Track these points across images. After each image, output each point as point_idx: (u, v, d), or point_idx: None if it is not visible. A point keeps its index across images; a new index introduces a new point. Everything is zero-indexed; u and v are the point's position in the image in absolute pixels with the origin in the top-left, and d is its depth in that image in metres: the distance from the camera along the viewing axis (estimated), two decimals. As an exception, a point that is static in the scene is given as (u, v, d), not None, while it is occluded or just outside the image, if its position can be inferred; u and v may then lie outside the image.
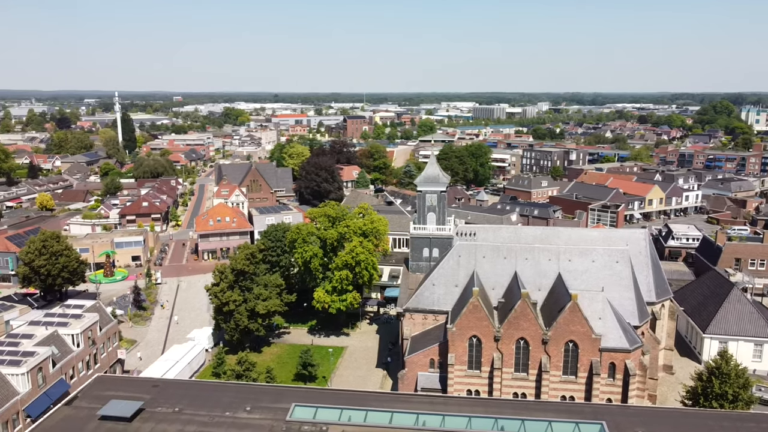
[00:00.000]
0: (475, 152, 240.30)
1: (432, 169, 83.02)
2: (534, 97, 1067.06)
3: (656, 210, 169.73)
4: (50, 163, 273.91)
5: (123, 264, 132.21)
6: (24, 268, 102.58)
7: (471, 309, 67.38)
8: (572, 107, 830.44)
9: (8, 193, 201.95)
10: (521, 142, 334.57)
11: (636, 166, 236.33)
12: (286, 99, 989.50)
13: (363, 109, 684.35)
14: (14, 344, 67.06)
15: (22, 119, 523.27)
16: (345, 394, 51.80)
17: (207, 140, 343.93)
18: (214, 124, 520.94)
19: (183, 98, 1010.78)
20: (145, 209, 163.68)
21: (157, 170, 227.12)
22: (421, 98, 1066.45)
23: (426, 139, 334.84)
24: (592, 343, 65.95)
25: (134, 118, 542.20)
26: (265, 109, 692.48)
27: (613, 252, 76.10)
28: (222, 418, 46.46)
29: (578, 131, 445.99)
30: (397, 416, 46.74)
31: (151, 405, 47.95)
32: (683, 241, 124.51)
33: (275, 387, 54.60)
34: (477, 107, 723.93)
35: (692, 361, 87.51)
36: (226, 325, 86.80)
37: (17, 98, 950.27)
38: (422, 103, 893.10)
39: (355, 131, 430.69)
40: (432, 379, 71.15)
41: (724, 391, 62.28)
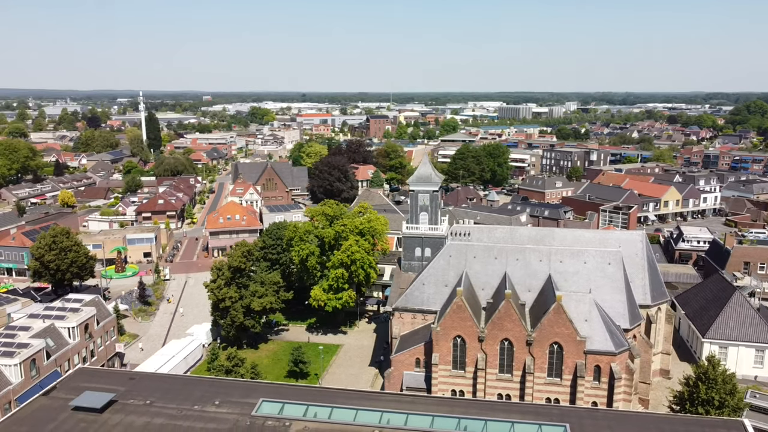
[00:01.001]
0: (493, 152, 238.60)
1: (424, 168, 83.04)
2: (563, 97, 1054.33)
3: (672, 212, 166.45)
4: (77, 161, 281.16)
5: (135, 260, 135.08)
6: (35, 262, 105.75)
7: (455, 309, 67.30)
8: (601, 107, 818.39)
9: (33, 189, 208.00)
10: (543, 142, 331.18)
11: (657, 167, 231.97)
12: (313, 99, 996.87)
13: (389, 109, 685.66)
14: (11, 336, 69.29)
15: (55, 118, 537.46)
16: (315, 391, 52.30)
17: (229, 139, 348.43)
18: (240, 124, 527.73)
19: (212, 98, 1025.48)
20: (161, 206, 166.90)
21: (177, 168, 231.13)
22: (448, 98, 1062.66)
23: (447, 139, 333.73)
24: (576, 346, 65.31)
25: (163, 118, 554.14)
26: (291, 108, 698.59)
27: (605, 253, 75.16)
28: (190, 411, 47.37)
29: (604, 131, 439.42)
30: (361, 414, 47.03)
31: (124, 397, 49.13)
32: (694, 243, 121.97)
33: (247, 382, 55.41)
34: (503, 107, 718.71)
35: (692, 366, 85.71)
36: (223, 321, 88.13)
37: (53, 97, 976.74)
38: (449, 103, 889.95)
39: (377, 131, 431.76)
40: (418, 379, 71.25)
41: (710, 397, 61.04)
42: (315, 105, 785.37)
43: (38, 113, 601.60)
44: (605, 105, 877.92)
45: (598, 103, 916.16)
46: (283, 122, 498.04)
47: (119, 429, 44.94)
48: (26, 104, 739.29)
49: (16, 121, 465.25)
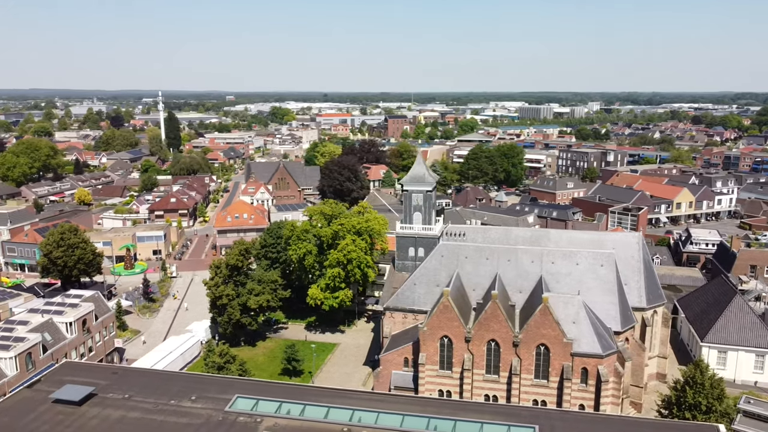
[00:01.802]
0: (508, 152, 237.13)
1: (418, 168, 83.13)
2: (587, 97, 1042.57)
3: (685, 214, 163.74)
4: (97, 159, 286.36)
5: (144, 257, 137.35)
6: (43, 259, 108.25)
7: (441, 309, 67.35)
8: (625, 107, 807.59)
9: (52, 188, 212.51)
10: (560, 142, 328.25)
11: (675, 168, 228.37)
12: (334, 98, 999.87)
13: (410, 109, 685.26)
14: (9, 330, 71.14)
15: (80, 117, 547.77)
16: (291, 388, 52.78)
17: (247, 139, 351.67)
18: (260, 123, 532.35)
19: (235, 98, 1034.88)
20: (173, 205, 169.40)
21: (192, 167, 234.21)
22: (470, 98, 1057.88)
23: (463, 139, 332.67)
24: (563, 347, 64.88)
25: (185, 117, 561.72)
26: (311, 108, 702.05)
27: (598, 255, 74.51)
28: (166, 406, 48.20)
29: (625, 132, 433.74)
30: (333, 411, 47.36)
31: (104, 391, 50.17)
32: (702, 246, 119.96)
33: (226, 378, 56.11)
34: (525, 107, 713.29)
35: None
36: (220, 318, 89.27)
37: (80, 97, 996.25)
38: (470, 103, 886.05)
39: (395, 131, 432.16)
40: (406, 378, 71.45)
41: (697, 402, 60.33)
42: (336, 105, 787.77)
43: (65, 113, 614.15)
44: (630, 105, 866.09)
45: (622, 104, 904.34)
46: (301, 122, 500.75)
47: (95, 422, 45.94)
48: (54, 104, 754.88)
49: (42, 121, 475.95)
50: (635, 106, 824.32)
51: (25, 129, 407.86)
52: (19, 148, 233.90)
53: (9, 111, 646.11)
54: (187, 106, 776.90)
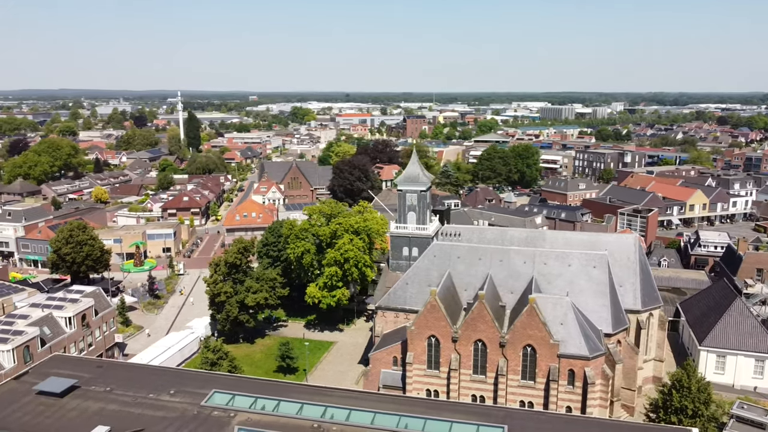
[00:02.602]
0: (522, 153, 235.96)
1: (412, 168, 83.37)
2: (611, 97, 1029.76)
3: (698, 216, 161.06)
4: (118, 159, 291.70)
5: (154, 255, 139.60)
6: (53, 255, 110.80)
7: (429, 309, 67.52)
8: (650, 107, 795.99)
9: (72, 186, 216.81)
10: (579, 143, 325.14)
11: (693, 169, 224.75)
12: (356, 99, 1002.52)
13: (431, 109, 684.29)
14: (9, 323, 73.11)
15: (106, 117, 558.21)
16: (269, 384, 53.54)
17: (265, 138, 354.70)
18: (280, 123, 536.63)
19: (258, 98, 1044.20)
20: (186, 204, 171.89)
21: (208, 167, 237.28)
22: (492, 98, 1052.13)
23: (480, 140, 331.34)
24: (550, 349, 64.59)
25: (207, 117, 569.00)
26: (332, 108, 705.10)
27: (590, 256, 73.97)
28: (145, 399, 49.29)
29: (647, 133, 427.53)
30: (306, 408, 47.98)
31: (87, 384, 51.47)
32: (710, 248, 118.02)
33: (206, 373, 57.11)
34: (547, 107, 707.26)
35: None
36: (219, 315, 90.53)
37: (107, 97, 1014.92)
38: (492, 103, 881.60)
39: (414, 131, 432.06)
40: (395, 377, 71.76)
41: (683, 405, 59.72)
42: (357, 105, 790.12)
43: (91, 113, 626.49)
44: (655, 105, 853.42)
45: (647, 104, 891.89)
46: (320, 122, 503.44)
47: (74, 413, 47.18)
48: (80, 104, 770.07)
49: (68, 121, 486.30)
50: (660, 107, 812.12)
51: (50, 128, 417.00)
52: (41, 147, 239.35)
53: (37, 111, 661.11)
54: (209, 106, 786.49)
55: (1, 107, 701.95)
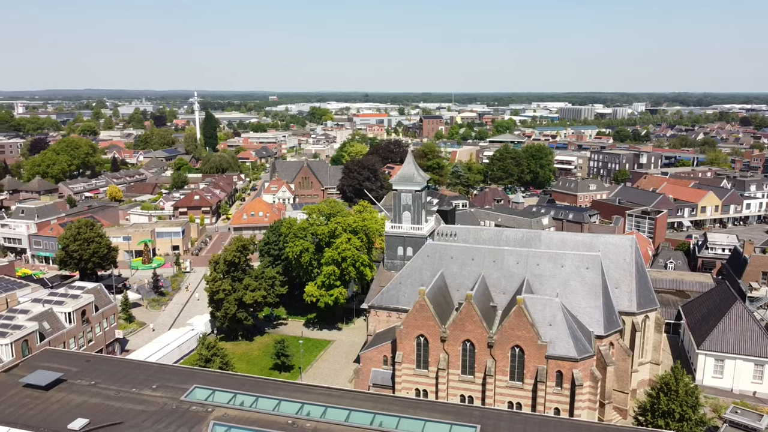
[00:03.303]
0: (536, 154, 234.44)
1: (407, 168, 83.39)
2: (633, 97, 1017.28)
3: (710, 218, 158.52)
4: (135, 158, 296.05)
5: (163, 253, 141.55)
6: (61, 252, 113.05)
7: (417, 308, 67.63)
8: (673, 108, 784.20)
9: (88, 184, 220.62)
10: (595, 144, 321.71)
11: (710, 170, 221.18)
12: (375, 99, 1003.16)
13: (449, 110, 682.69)
14: (10, 318, 74.76)
15: (126, 117, 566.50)
16: (250, 381, 54.12)
17: (280, 138, 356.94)
18: (298, 123, 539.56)
19: (278, 98, 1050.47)
20: (196, 202, 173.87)
21: (222, 166, 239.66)
22: (512, 98, 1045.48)
23: (495, 140, 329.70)
24: (538, 350, 64.32)
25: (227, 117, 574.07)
26: (350, 108, 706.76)
27: (583, 258, 73.42)
28: (127, 393, 50.26)
29: (667, 133, 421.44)
30: (283, 404, 48.56)
31: (73, 377, 52.64)
32: (717, 251, 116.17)
33: (190, 369, 57.89)
34: (566, 107, 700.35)
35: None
36: (217, 313, 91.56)
37: (131, 97, 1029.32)
38: (512, 104, 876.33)
39: (430, 131, 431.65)
40: (385, 376, 71.98)
41: (671, 409, 59.01)
42: (376, 105, 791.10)
43: (113, 112, 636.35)
44: (678, 106, 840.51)
45: (670, 104, 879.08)
46: (337, 122, 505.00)
47: (56, 406, 48.28)
48: (104, 104, 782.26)
49: (90, 120, 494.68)
50: (683, 107, 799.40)
51: (72, 128, 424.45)
52: (60, 146, 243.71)
53: (62, 111, 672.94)
54: (229, 106, 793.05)
55: (27, 107, 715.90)
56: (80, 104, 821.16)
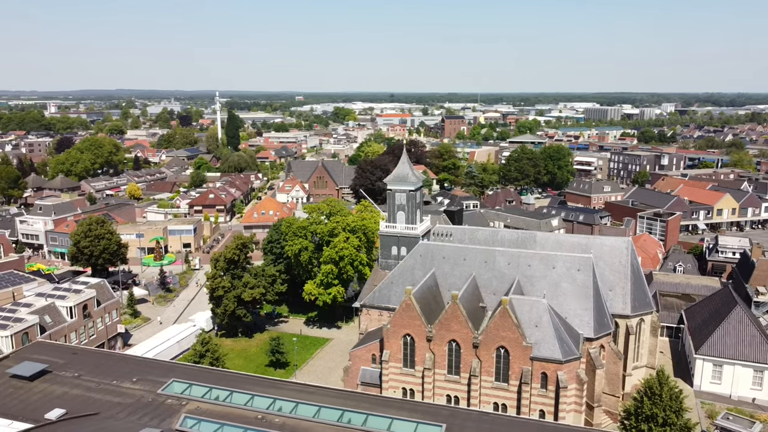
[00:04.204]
0: (553, 155, 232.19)
1: (402, 168, 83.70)
2: (664, 98, 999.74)
3: (727, 221, 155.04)
4: (158, 157, 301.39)
5: (175, 250, 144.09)
6: (73, 248, 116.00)
7: (403, 307, 67.89)
8: (704, 108, 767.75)
9: (109, 182, 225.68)
10: (617, 145, 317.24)
11: (732, 172, 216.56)
12: (401, 99, 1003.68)
13: (474, 110, 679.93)
14: (13, 311, 77.23)
15: (154, 117, 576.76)
16: (228, 376, 55.03)
17: (300, 138, 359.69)
18: (321, 123, 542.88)
19: (305, 98, 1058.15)
20: (211, 201, 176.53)
21: (240, 165, 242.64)
22: (539, 98, 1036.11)
23: (515, 140, 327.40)
24: (523, 351, 64.03)
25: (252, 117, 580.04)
26: (373, 108, 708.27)
27: (575, 259, 72.80)
28: (108, 385, 51.55)
29: (694, 135, 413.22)
30: (256, 399, 49.23)
31: (58, 369, 54.16)
32: (728, 255, 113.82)
33: (172, 363, 59.10)
34: (593, 108, 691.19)
35: (684, 384, 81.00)
36: (217, 309, 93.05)
37: (160, 97, 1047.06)
38: (539, 104, 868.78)
39: (452, 131, 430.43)
40: (373, 375, 72.32)
41: (654, 413, 58.20)
42: (400, 105, 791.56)
43: (141, 112, 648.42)
44: (709, 107, 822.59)
45: (701, 105, 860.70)
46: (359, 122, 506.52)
47: (38, 396, 49.79)
48: (133, 104, 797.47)
49: (118, 119, 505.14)
50: (714, 108, 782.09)
51: (100, 127, 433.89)
52: (84, 145, 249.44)
53: (92, 110, 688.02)
54: (255, 105, 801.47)
55: (59, 106, 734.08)
56: (111, 104, 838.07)
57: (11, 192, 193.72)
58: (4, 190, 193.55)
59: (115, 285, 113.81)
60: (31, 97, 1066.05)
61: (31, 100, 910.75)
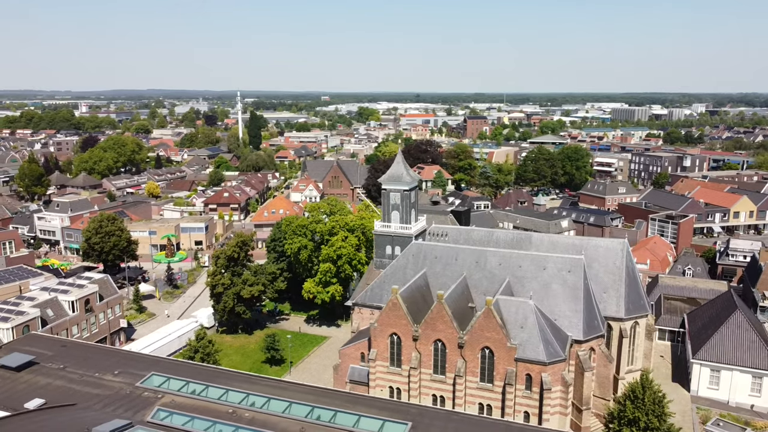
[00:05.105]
0: (571, 155, 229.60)
1: (396, 168, 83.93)
2: (695, 98, 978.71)
3: (744, 224, 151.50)
4: (180, 156, 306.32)
5: (187, 247, 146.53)
6: (84, 244, 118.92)
7: (390, 306, 68.14)
8: (736, 109, 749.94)
9: (130, 180, 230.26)
10: (639, 145, 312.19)
11: (756, 174, 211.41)
12: (426, 99, 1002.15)
13: (499, 110, 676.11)
14: (16, 304, 79.68)
15: (180, 116, 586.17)
16: (205, 371, 55.91)
17: (320, 138, 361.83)
18: (345, 123, 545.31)
19: (330, 98, 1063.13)
20: (225, 199, 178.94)
21: (258, 165, 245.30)
22: (567, 98, 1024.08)
23: (535, 141, 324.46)
24: (507, 352, 63.76)
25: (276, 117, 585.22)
26: (397, 108, 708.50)
27: (566, 260, 72.15)
28: (90, 378, 52.92)
29: (723, 136, 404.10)
30: (231, 394, 50.05)
31: (46, 360, 55.77)
32: (739, 258, 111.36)
33: (154, 357, 60.17)
34: (621, 108, 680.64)
35: (682, 389, 79.78)
36: (217, 306, 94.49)
37: (189, 97, 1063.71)
38: (566, 104, 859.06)
39: (474, 131, 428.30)
40: (362, 373, 72.69)
41: (636, 417, 57.55)
42: (425, 105, 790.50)
43: (169, 112, 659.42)
44: (743, 107, 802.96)
45: (734, 105, 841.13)
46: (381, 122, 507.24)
47: (23, 386, 51.37)
48: (161, 103, 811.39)
49: (146, 119, 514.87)
50: (748, 108, 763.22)
51: (127, 126, 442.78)
52: (107, 144, 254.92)
53: (122, 110, 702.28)
54: (281, 105, 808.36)
55: (90, 106, 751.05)
56: (141, 104, 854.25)
57: (35, 189, 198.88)
58: (28, 188, 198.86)
59: (124, 281, 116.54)
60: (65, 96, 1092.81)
61: (65, 99, 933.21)
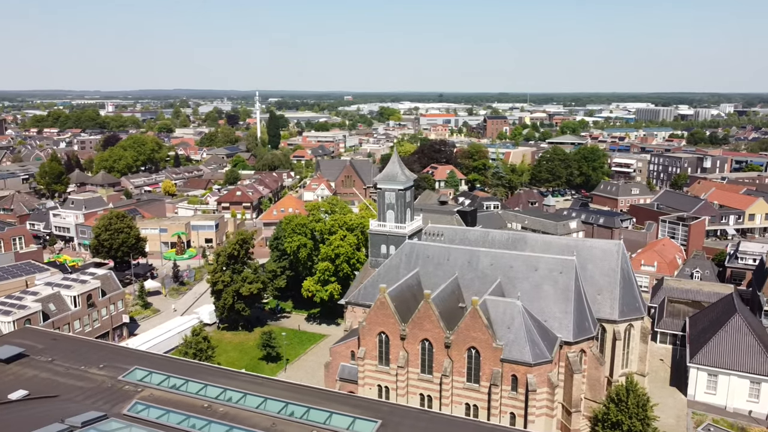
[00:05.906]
0: (588, 156, 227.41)
1: (391, 167, 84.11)
2: (724, 98, 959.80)
3: (760, 226, 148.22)
4: (199, 155, 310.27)
5: (197, 245, 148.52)
6: (94, 240, 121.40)
7: (378, 305, 68.41)
8: (766, 109, 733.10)
9: (148, 179, 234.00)
10: (660, 146, 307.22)
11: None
12: (449, 99, 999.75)
13: (522, 110, 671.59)
14: (20, 298, 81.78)
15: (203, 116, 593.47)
16: (189, 366, 56.82)
17: (338, 137, 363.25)
18: (365, 122, 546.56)
19: (353, 98, 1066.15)
20: (238, 198, 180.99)
21: (274, 164, 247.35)
22: (592, 98, 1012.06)
23: (553, 141, 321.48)
24: (493, 352, 63.58)
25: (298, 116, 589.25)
26: (418, 108, 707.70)
27: (557, 261, 71.59)
28: (76, 371, 54.08)
29: (750, 136, 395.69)
30: (209, 389, 50.75)
31: (36, 353, 57.15)
32: (748, 261, 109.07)
33: (140, 352, 61.27)
34: (646, 108, 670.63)
35: (679, 393, 78.67)
36: (217, 303, 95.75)
37: (214, 97, 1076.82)
38: (590, 104, 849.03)
39: (493, 131, 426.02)
40: (352, 371, 73.06)
41: (619, 420, 57.01)
42: (447, 105, 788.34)
43: (192, 111, 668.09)
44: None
45: (765, 105, 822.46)
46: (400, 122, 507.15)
47: (10, 378, 52.73)
48: (186, 103, 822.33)
49: (170, 118, 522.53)
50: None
51: (151, 125, 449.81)
52: (127, 143, 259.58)
53: (147, 109, 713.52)
54: (303, 105, 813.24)
55: (117, 106, 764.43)
56: (166, 103, 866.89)
57: (55, 187, 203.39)
58: (48, 185, 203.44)
59: (132, 277, 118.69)
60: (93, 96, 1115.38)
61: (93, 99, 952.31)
